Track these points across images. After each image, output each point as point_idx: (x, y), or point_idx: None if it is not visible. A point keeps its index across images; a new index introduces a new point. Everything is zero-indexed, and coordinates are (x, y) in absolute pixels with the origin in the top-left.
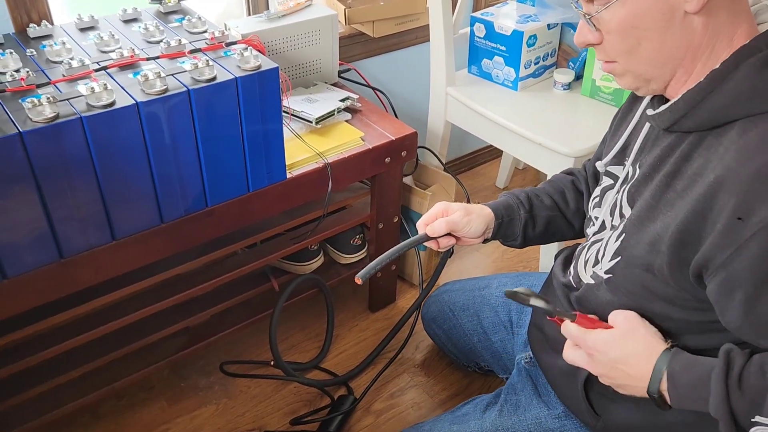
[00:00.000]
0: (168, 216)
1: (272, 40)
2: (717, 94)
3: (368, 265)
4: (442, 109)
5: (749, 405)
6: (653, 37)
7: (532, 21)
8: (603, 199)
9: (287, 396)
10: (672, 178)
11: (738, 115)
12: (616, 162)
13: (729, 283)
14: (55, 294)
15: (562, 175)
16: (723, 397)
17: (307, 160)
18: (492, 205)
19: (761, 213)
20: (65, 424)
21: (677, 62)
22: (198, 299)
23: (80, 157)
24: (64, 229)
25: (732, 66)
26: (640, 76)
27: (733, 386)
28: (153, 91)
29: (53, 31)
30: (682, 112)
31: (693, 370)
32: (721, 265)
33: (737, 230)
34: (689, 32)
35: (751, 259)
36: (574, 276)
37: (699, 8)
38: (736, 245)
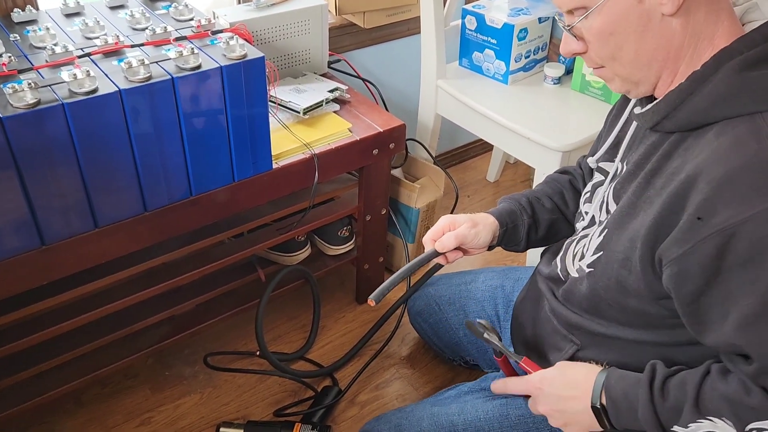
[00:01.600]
0: (152, 204)
1: (261, 29)
2: (697, 96)
3: (381, 285)
4: (433, 101)
5: (669, 413)
6: (633, 41)
7: (523, 14)
8: (593, 194)
9: (272, 386)
10: (652, 176)
11: (717, 118)
12: (607, 158)
13: (681, 276)
14: (36, 281)
15: (559, 175)
16: (647, 401)
17: (294, 151)
18: (495, 212)
19: (721, 216)
20: (48, 411)
21: (661, 64)
22: (183, 288)
23: (62, 143)
24: (45, 216)
25: (712, 69)
26: (627, 79)
27: (657, 393)
28: (136, 79)
29: (38, 17)
30: (663, 113)
31: (625, 380)
32: (675, 259)
33: (696, 229)
34: (668, 34)
35: (703, 257)
36: (563, 269)
37: (675, 10)
38: (692, 243)
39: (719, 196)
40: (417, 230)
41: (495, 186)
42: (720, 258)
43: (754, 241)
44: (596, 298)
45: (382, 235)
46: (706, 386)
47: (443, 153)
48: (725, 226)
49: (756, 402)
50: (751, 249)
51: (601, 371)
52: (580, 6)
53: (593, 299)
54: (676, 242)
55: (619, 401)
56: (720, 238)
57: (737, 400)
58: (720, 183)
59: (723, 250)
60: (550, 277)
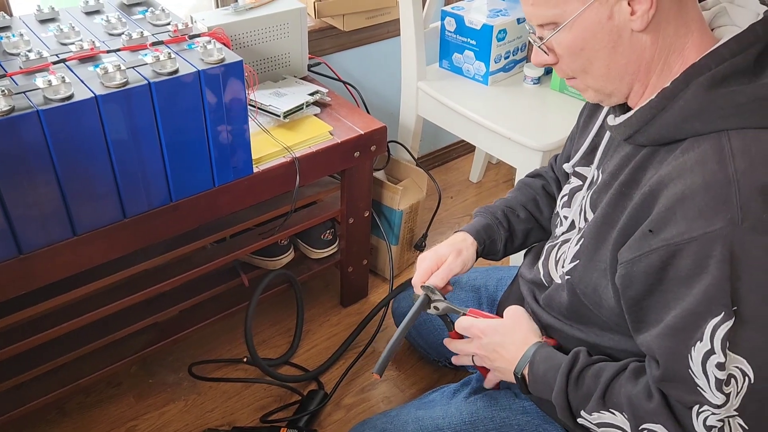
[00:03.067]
0: (131, 211)
1: (239, 33)
2: (667, 112)
3: (381, 356)
4: (414, 103)
5: (580, 399)
6: (603, 56)
7: (502, 15)
8: (572, 199)
9: (257, 391)
10: (627, 187)
11: (687, 134)
12: (584, 163)
13: (627, 279)
14: (14, 291)
15: (531, 180)
16: (562, 388)
17: (275, 155)
18: (471, 230)
19: (669, 232)
20: (31, 421)
21: (632, 77)
22: (166, 295)
23: (38, 151)
24: (22, 225)
25: (682, 85)
26: (599, 90)
27: (572, 382)
28: (113, 84)
29: (11, 23)
30: (635, 128)
31: (549, 362)
32: (625, 263)
33: (646, 240)
34: (639, 49)
35: (648, 267)
36: (545, 274)
37: (645, 26)
38: (641, 252)
39: (672, 213)
40: (400, 232)
41: (478, 186)
42: (663, 270)
43: (694, 261)
44: (576, 305)
45: (365, 237)
46: (616, 382)
47: (425, 155)
48: (671, 242)
49: (653, 407)
50: (690, 268)
51: (533, 345)
52: (550, 21)
53: (572, 305)
54: (629, 248)
55: (538, 378)
56: (665, 252)
57: (637, 401)
58: (675, 200)
59: (666, 264)
60: (533, 282)
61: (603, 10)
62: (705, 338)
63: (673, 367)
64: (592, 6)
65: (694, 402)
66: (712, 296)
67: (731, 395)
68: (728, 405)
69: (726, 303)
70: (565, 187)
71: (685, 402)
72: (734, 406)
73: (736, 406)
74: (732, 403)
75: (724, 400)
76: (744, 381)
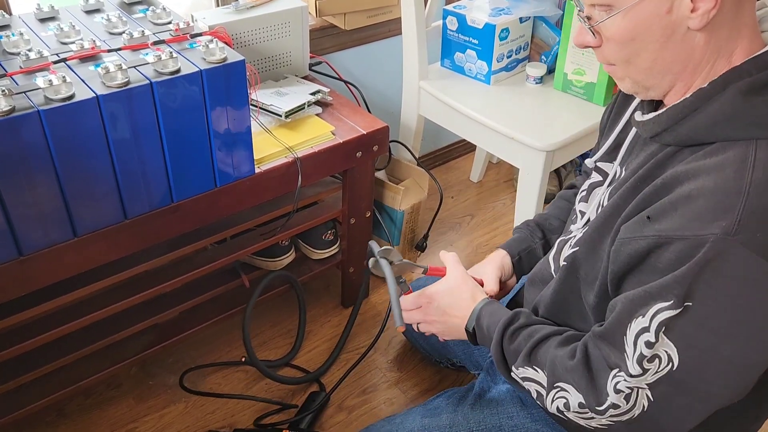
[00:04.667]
0: (132, 212)
1: (240, 32)
2: (700, 113)
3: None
4: (415, 103)
5: (511, 354)
6: (652, 49)
7: (504, 14)
8: (591, 194)
9: (258, 393)
10: (641, 182)
11: (717, 138)
12: (606, 159)
13: (614, 255)
14: (14, 293)
15: (565, 192)
16: (498, 341)
17: (277, 155)
18: (504, 245)
19: (662, 225)
20: (30, 423)
21: (676, 75)
22: (167, 296)
23: (38, 151)
24: (22, 226)
25: (720, 87)
26: (638, 83)
27: (507, 337)
28: (114, 84)
29: (11, 22)
30: (664, 126)
31: (493, 317)
32: (619, 240)
33: (641, 225)
34: (690, 48)
35: (634, 251)
36: (556, 269)
37: (703, 26)
38: (633, 235)
39: (673, 208)
40: (402, 232)
41: (478, 186)
42: (647, 256)
43: (676, 257)
44: (565, 291)
45: (367, 237)
46: (545, 343)
47: (426, 154)
48: (662, 234)
49: (572, 364)
50: (670, 262)
51: (480, 301)
52: (606, 3)
53: (561, 292)
54: (626, 228)
55: (483, 332)
56: (653, 242)
57: (559, 361)
58: (681, 196)
59: (651, 252)
60: (540, 280)
61: (663, 3)
62: (647, 316)
63: (613, 329)
64: None
65: (616, 365)
66: (668, 284)
67: (649, 372)
68: (642, 378)
69: (678, 295)
70: (584, 183)
71: (609, 361)
72: (647, 381)
73: (649, 381)
74: (646, 378)
75: (639, 372)
76: (667, 365)
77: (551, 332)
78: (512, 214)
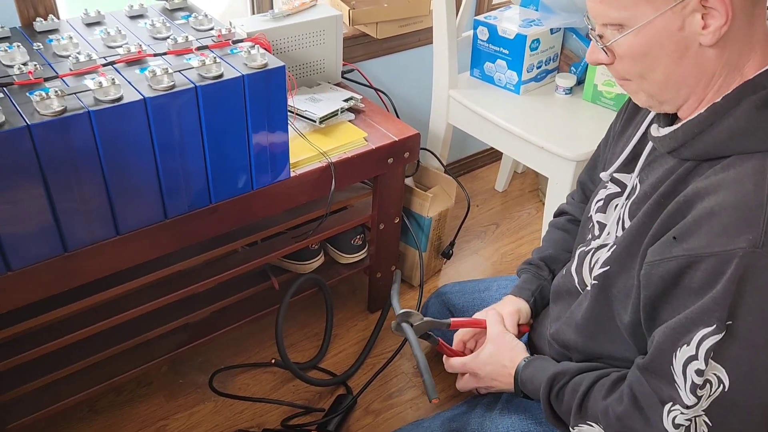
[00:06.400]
0: (172, 212)
1: (277, 39)
2: (715, 128)
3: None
4: (444, 111)
5: (564, 414)
6: (666, 65)
7: (535, 25)
8: (608, 204)
9: (286, 394)
10: (665, 198)
11: (733, 151)
12: (624, 170)
13: (646, 279)
14: (58, 287)
15: (556, 220)
16: (547, 408)
17: (311, 159)
18: (514, 290)
19: (689, 244)
20: (63, 418)
21: (690, 89)
22: (198, 296)
23: (87, 151)
24: (69, 223)
25: (734, 102)
26: (653, 96)
27: (554, 401)
28: (160, 87)
29: (60, 26)
30: (681, 142)
31: (533, 383)
32: (647, 263)
33: (668, 246)
34: (702, 63)
35: (665, 273)
36: (580, 282)
37: (714, 42)
38: (661, 257)
39: (698, 225)
40: (429, 238)
41: (503, 195)
42: (679, 277)
43: (707, 275)
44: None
45: (394, 243)
46: (591, 394)
47: (452, 162)
48: (691, 253)
49: (621, 410)
50: (702, 280)
51: (518, 366)
52: (617, 23)
53: (594, 312)
54: (653, 251)
55: (532, 394)
56: (684, 261)
57: (611, 412)
58: (704, 213)
59: (683, 272)
60: (566, 291)
61: (675, 20)
62: (692, 344)
63: (658, 360)
64: (664, 14)
65: (669, 398)
66: (709, 308)
67: (703, 398)
68: (698, 406)
69: (720, 317)
70: (600, 191)
71: (661, 395)
72: (703, 407)
73: (704, 407)
74: (701, 404)
75: (695, 402)
76: (719, 387)
77: (594, 380)
78: (537, 224)
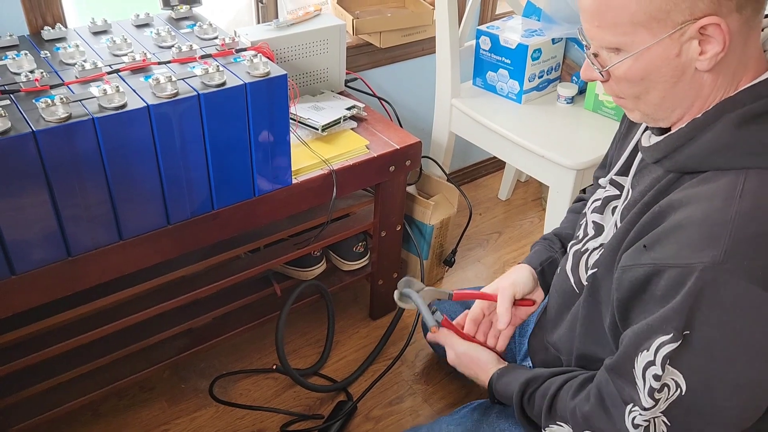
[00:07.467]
0: (175, 218)
1: (281, 47)
2: (694, 143)
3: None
4: (447, 120)
5: (537, 418)
6: (662, 88)
7: (537, 35)
8: (605, 206)
9: (287, 400)
10: (647, 207)
11: (710, 167)
12: (623, 173)
13: (617, 283)
14: (61, 292)
15: (575, 205)
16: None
17: (313, 167)
18: (525, 259)
19: (657, 254)
20: (66, 421)
21: (685, 109)
22: (201, 302)
23: (91, 157)
24: (72, 228)
25: (713, 118)
26: (648, 115)
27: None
28: (164, 95)
29: (67, 34)
30: (662, 154)
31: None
32: (620, 268)
33: (639, 253)
34: (698, 86)
35: (634, 278)
36: (577, 282)
37: (710, 68)
38: (632, 263)
39: (666, 236)
40: (431, 246)
41: (506, 204)
42: (646, 284)
43: (669, 285)
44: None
45: (396, 251)
46: (559, 395)
47: (455, 171)
48: (657, 263)
49: (588, 410)
50: (665, 289)
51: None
52: (614, 47)
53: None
54: (626, 256)
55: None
56: (650, 270)
57: (578, 410)
58: (673, 225)
59: (649, 280)
60: (566, 291)
61: (672, 47)
62: (651, 350)
63: (622, 361)
64: (662, 41)
65: (630, 398)
66: (667, 317)
67: (661, 400)
68: (655, 408)
69: (677, 327)
70: (598, 191)
71: (623, 396)
72: (661, 409)
73: (662, 409)
74: (659, 407)
75: (652, 405)
76: (676, 391)
77: (562, 382)
78: (539, 232)
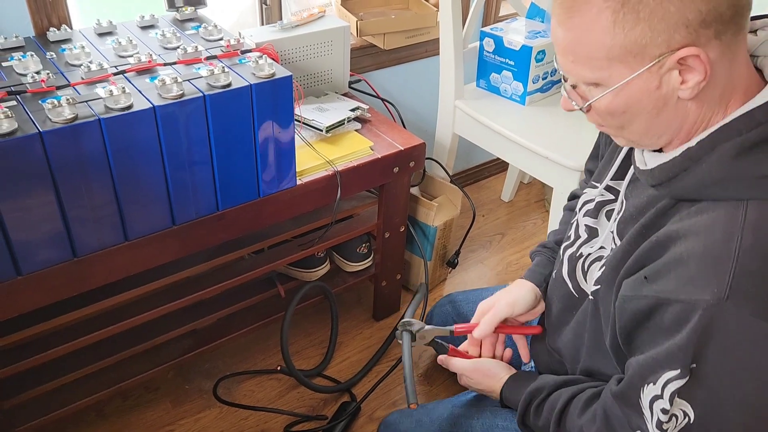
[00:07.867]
0: (180, 218)
1: (285, 49)
2: (689, 174)
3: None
4: (450, 121)
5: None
6: (645, 119)
7: (540, 37)
8: (599, 211)
9: (291, 401)
10: (647, 229)
11: (707, 197)
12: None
13: (620, 311)
14: (67, 292)
15: (570, 203)
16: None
17: (317, 168)
18: (527, 273)
19: (659, 286)
20: (71, 422)
21: (672, 134)
22: (205, 303)
23: (97, 158)
24: (78, 229)
25: (708, 148)
26: (633, 142)
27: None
28: (170, 96)
29: (72, 36)
30: (657, 181)
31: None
32: (621, 297)
33: (640, 284)
34: (683, 113)
35: (637, 309)
36: (575, 287)
37: (693, 96)
38: (633, 293)
39: (668, 270)
40: (434, 247)
41: (509, 206)
42: (649, 315)
43: (673, 319)
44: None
45: (400, 252)
46: (568, 410)
47: (458, 172)
48: (660, 296)
49: (593, 430)
50: (669, 322)
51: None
52: (592, 82)
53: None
54: (627, 285)
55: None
56: (653, 302)
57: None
58: (674, 258)
59: (653, 311)
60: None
61: (652, 80)
62: (658, 384)
63: (628, 391)
64: (641, 75)
65: (637, 426)
66: (673, 353)
67: (669, 429)
68: None
69: (684, 363)
70: (588, 191)
71: (630, 423)
72: None
73: None
74: None
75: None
76: (684, 419)
77: (570, 396)
78: (543, 234)
